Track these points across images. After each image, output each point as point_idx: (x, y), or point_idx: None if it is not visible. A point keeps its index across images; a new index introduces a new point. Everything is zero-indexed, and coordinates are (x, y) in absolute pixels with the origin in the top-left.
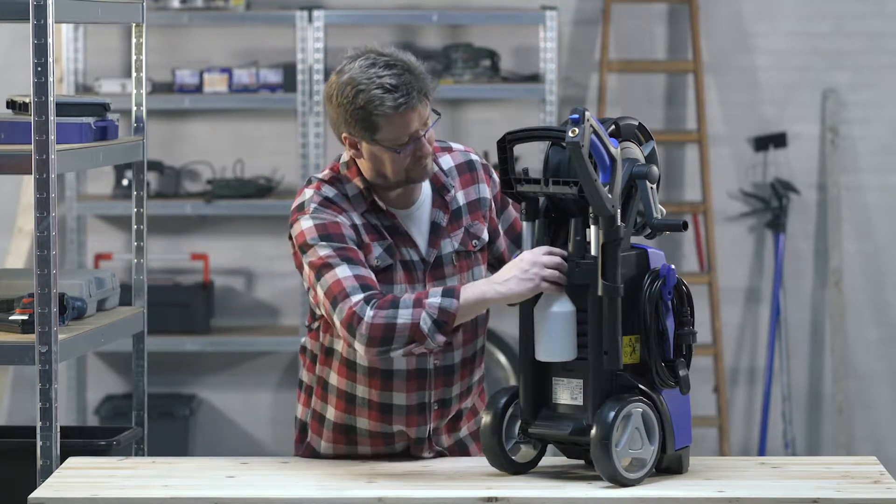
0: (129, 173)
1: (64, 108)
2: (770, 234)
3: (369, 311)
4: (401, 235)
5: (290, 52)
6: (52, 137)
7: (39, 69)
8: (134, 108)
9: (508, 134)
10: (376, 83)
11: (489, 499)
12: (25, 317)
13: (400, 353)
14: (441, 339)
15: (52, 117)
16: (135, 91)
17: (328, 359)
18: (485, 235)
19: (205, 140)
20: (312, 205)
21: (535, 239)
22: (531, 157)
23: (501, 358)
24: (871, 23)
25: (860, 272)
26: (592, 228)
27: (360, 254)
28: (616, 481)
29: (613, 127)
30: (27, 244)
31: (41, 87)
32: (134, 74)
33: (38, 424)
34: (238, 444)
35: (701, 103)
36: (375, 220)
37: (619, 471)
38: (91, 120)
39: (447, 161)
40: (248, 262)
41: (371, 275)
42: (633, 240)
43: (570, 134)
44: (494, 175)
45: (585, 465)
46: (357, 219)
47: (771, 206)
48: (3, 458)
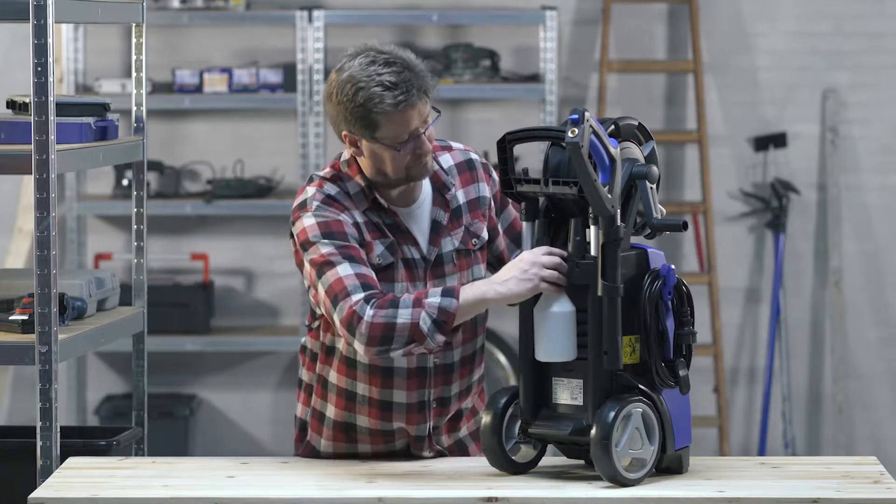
0: (129, 173)
1: (64, 108)
2: (770, 234)
3: (369, 311)
4: (402, 233)
5: (290, 52)
6: (52, 137)
7: (39, 69)
8: (134, 108)
9: (508, 134)
10: (376, 81)
11: (489, 499)
12: (25, 317)
13: (400, 353)
14: (441, 338)
15: (52, 117)
16: (135, 91)
17: (328, 357)
18: (484, 234)
19: (205, 140)
20: (315, 203)
21: (534, 239)
22: (531, 157)
23: (501, 358)
24: (871, 23)
25: (860, 272)
26: (592, 228)
27: (361, 252)
28: (616, 481)
29: (613, 127)
30: (27, 244)
31: (41, 87)
32: (134, 74)
33: (38, 424)
34: (238, 444)
35: (701, 103)
36: (377, 217)
37: (619, 471)
38: (91, 120)
39: (447, 160)
40: (248, 262)
41: (372, 274)
42: (633, 240)
43: (570, 134)
44: (494, 174)
45: (585, 465)
46: (359, 217)
47: (771, 206)
48: (3, 458)
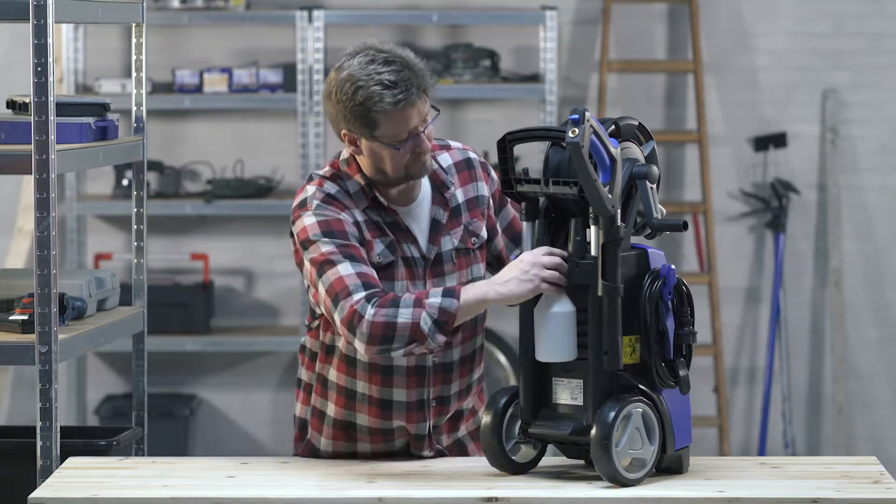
0: (129, 173)
1: (64, 108)
2: (770, 234)
3: (370, 310)
4: (402, 232)
5: (290, 52)
6: (52, 137)
7: (39, 69)
8: (134, 108)
9: (508, 134)
10: (375, 79)
11: (489, 499)
12: (25, 317)
13: (401, 352)
14: (441, 339)
15: (52, 117)
16: (135, 91)
17: (328, 356)
18: (483, 233)
19: (205, 140)
20: (315, 201)
21: (535, 239)
22: (531, 157)
23: (501, 358)
24: (871, 23)
25: (860, 272)
26: (592, 228)
27: (362, 251)
28: (616, 481)
29: (613, 127)
30: (27, 244)
31: (41, 87)
32: (134, 74)
33: (38, 424)
34: (238, 444)
35: (701, 103)
36: (377, 216)
37: (619, 471)
38: (91, 120)
39: (446, 159)
40: (248, 262)
41: (373, 272)
42: (633, 240)
43: (570, 134)
44: (493, 173)
45: (585, 465)
46: (359, 215)
47: (771, 206)
48: (3, 458)
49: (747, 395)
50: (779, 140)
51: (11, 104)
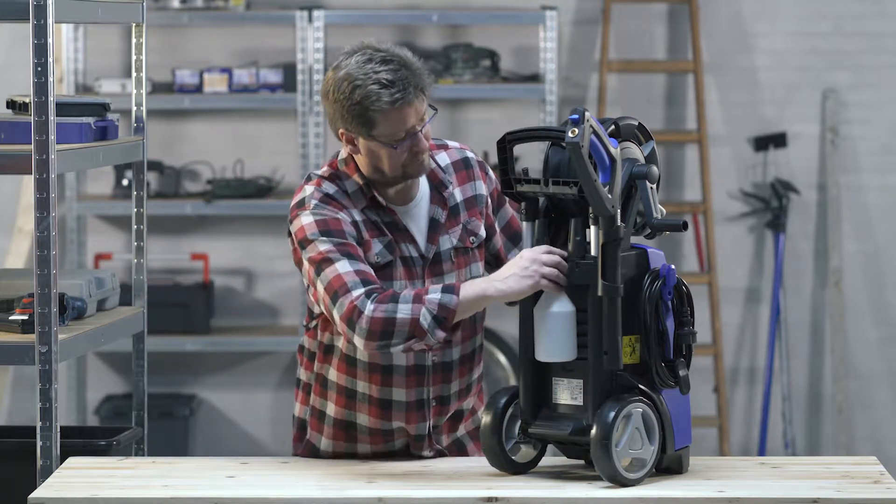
0: (129, 173)
1: (64, 108)
2: (770, 234)
3: (370, 305)
4: (400, 231)
5: (290, 52)
6: (52, 137)
7: (39, 69)
8: (134, 108)
9: (508, 134)
10: (372, 79)
11: (489, 499)
12: (25, 317)
13: (400, 348)
14: (441, 334)
15: (52, 117)
16: (135, 91)
17: (327, 356)
18: (482, 232)
19: (205, 140)
20: (313, 201)
21: (534, 239)
22: (531, 157)
23: (501, 358)
24: (871, 23)
25: (860, 272)
26: (592, 228)
27: (359, 250)
28: (616, 481)
29: (613, 127)
30: (27, 244)
31: (41, 87)
32: (134, 74)
33: (38, 424)
34: (238, 444)
35: (701, 103)
36: (375, 216)
37: (619, 471)
38: (91, 120)
39: (444, 158)
40: (248, 262)
41: (371, 270)
42: (633, 240)
43: (570, 134)
44: (490, 172)
45: (585, 465)
46: (357, 215)
47: (771, 206)
48: (3, 458)
49: (747, 395)
50: (779, 140)
51: (11, 104)
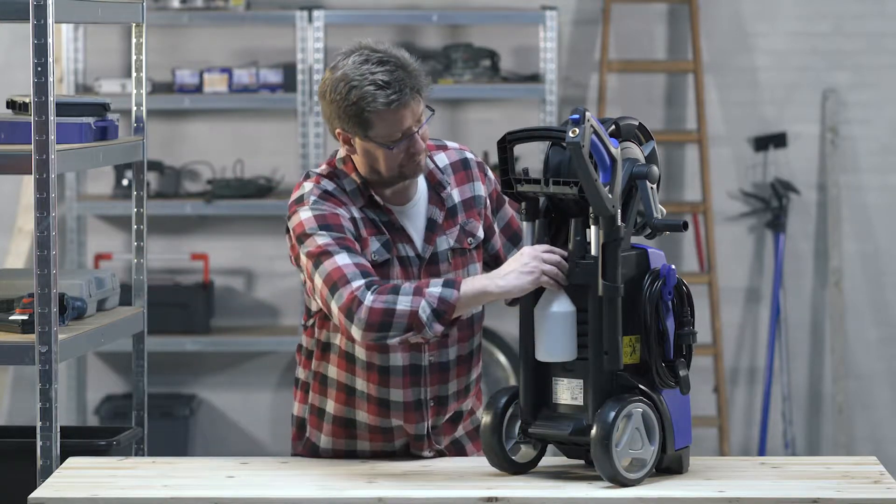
0: (129, 173)
1: (64, 108)
2: (770, 234)
3: (370, 296)
4: (397, 231)
5: (290, 52)
6: (52, 137)
7: (39, 69)
8: (134, 108)
9: (508, 134)
10: (369, 80)
11: (489, 499)
12: (25, 317)
13: (396, 340)
14: (439, 328)
15: (52, 117)
16: (135, 91)
17: (325, 354)
18: (480, 233)
19: (205, 140)
20: (312, 197)
21: (534, 239)
22: (531, 157)
23: (501, 358)
24: (871, 23)
25: (860, 272)
26: (592, 228)
27: (358, 246)
28: (616, 481)
29: (613, 127)
30: (27, 244)
31: (41, 87)
32: (134, 74)
33: (38, 424)
34: (238, 444)
35: (701, 103)
36: (373, 215)
37: (620, 471)
38: (91, 120)
39: (442, 159)
40: (248, 262)
41: (369, 265)
42: (633, 240)
43: (571, 134)
44: (490, 173)
45: (585, 465)
46: (356, 213)
47: (771, 206)
48: (3, 458)
49: (747, 395)
50: (779, 140)
51: (11, 104)
